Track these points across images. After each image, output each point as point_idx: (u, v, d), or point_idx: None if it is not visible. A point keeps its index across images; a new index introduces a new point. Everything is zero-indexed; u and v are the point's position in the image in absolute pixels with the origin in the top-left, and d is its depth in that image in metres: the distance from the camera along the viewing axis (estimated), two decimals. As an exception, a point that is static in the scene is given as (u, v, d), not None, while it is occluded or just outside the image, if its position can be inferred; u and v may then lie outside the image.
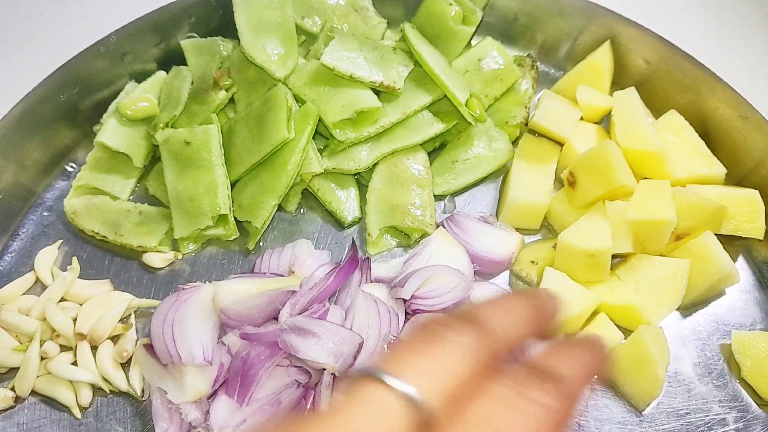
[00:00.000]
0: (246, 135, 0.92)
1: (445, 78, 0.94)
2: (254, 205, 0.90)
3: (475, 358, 0.44)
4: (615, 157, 0.86)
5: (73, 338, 0.83)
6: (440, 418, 0.41)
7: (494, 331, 0.46)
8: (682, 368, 0.86)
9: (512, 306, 0.50)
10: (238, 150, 0.92)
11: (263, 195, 0.90)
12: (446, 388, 0.42)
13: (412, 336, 0.46)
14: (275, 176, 0.90)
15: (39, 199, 0.96)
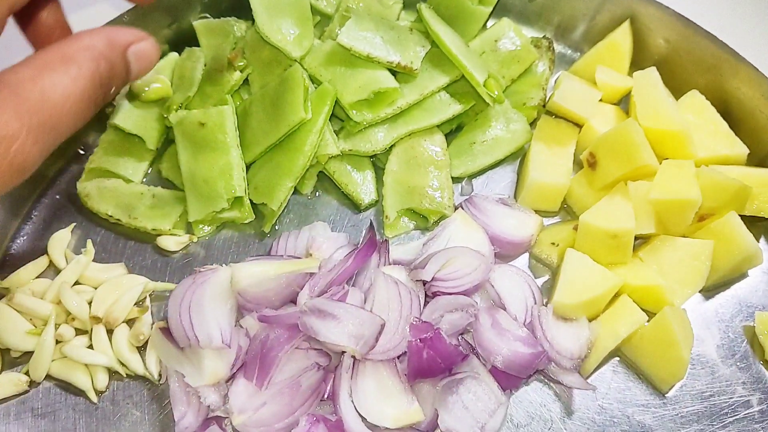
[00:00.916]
0: (262, 116, 0.90)
1: (463, 58, 0.92)
2: (270, 188, 0.89)
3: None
4: (637, 136, 0.85)
5: (88, 321, 0.82)
6: None
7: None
8: (706, 350, 0.85)
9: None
10: (253, 131, 0.91)
11: (279, 177, 0.89)
12: None
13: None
14: (291, 158, 0.88)
15: (51, 182, 0.95)
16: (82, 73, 0.57)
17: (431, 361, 0.76)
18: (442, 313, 0.81)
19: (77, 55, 0.58)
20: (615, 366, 0.83)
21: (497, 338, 0.80)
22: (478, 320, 0.81)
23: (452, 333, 0.80)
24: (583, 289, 0.82)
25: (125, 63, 0.63)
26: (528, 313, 0.84)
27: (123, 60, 0.63)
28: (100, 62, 0.59)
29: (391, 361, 0.78)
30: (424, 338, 0.75)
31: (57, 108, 0.55)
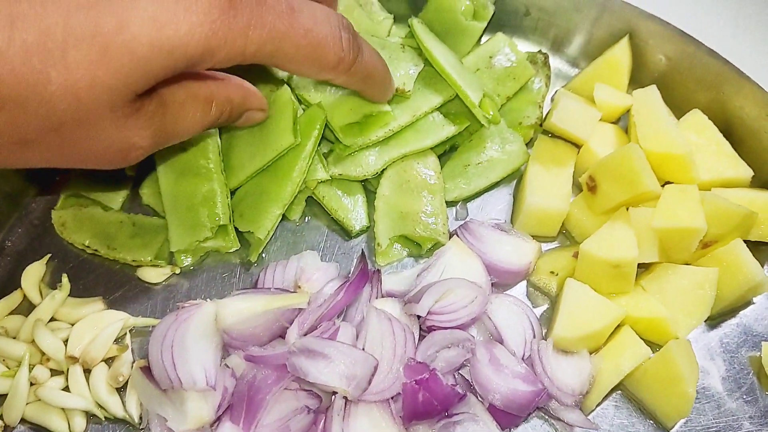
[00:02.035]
0: (248, 140, 0.86)
1: (457, 77, 0.88)
2: (257, 215, 0.85)
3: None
4: (639, 161, 0.81)
5: (64, 362, 0.78)
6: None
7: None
8: (711, 383, 0.82)
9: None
10: (238, 155, 0.87)
11: (266, 204, 0.84)
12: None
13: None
14: (279, 184, 0.84)
15: (25, 210, 0.90)
16: (211, 116, 0.69)
17: (427, 403, 0.72)
18: (438, 349, 0.78)
19: (218, 101, 0.70)
20: (617, 401, 0.80)
21: (495, 375, 0.76)
22: (475, 356, 0.77)
23: (448, 371, 0.77)
24: (584, 322, 0.79)
25: (237, 117, 0.76)
26: (527, 347, 0.80)
27: (239, 115, 0.76)
28: (226, 113, 0.72)
29: (384, 402, 0.74)
30: (419, 380, 0.72)
31: (178, 134, 0.67)
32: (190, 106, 0.66)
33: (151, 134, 0.62)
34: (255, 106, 0.76)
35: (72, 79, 0.51)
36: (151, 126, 0.61)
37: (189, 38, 0.53)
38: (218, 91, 0.70)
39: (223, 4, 0.55)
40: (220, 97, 0.70)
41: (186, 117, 0.66)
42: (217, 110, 0.70)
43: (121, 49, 0.52)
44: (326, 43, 0.65)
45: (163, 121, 0.63)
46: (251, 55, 0.59)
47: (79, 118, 0.54)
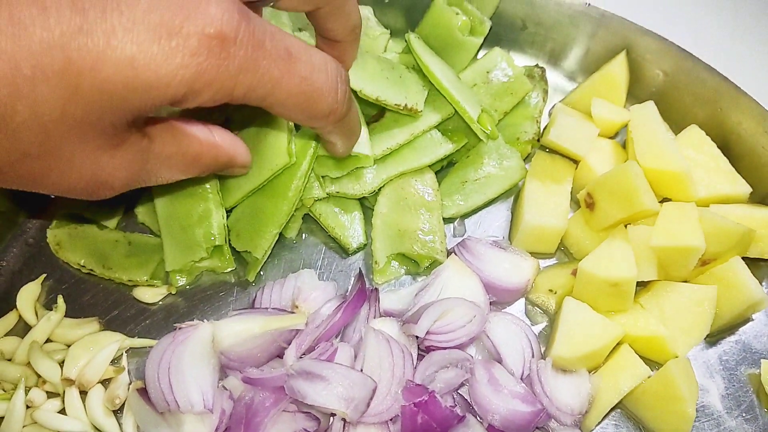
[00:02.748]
0: None
1: (455, 92, 0.88)
2: (253, 235, 0.84)
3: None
4: (637, 179, 0.81)
5: (60, 384, 0.77)
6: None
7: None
8: (710, 401, 0.82)
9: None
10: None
11: (263, 224, 0.84)
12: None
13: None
14: (275, 203, 0.84)
15: (20, 229, 0.89)
16: (191, 173, 0.67)
17: (426, 425, 0.72)
18: (437, 369, 0.77)
19: (204, 161, 0.67)
20: (617, 420, 0.80)
21: (494, 395, 0.76)
22: (473, 375, 0.77)
23: (447, 391, 0.76)
24: (583, 342, 0.79)
25: (221, 168, 0.71)
26: (526, 366, 0.80)
27: (224, 167, 0.71)
28: (207, 171, 0.69)
29: (383, 424, 0.74)
30: (418, 402, 0.71)
31: (152, 182, 0.64)
32: (174, 161, 0.64)
33: (126, 177, 0.59)
34: (238, 164, 0.73)
35: (39, 112, 0.49)
36: (128, 169, 0.59)
37: (170, 79, 0.50)
38: (207, 152, 0.67)
39: (215, 46, 0.51)
40: (206, 158, 0.67)
41: (167, 170, 0.64)
42: (198, 169, 0.67)
43: (92, 89, 0.49)
44: (320, 93, 0.62)
45: (143, 168, 0.60)
46: (240, 97, 0.56)
47: (46, 150, 0.52)
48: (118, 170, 0.58)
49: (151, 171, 0.62)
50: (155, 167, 0.62)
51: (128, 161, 0.58)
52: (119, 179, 0.59)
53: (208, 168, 0.68)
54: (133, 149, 0.58)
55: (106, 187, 0.59)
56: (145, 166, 0.60)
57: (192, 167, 0.66)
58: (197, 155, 0.66)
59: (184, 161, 0.65)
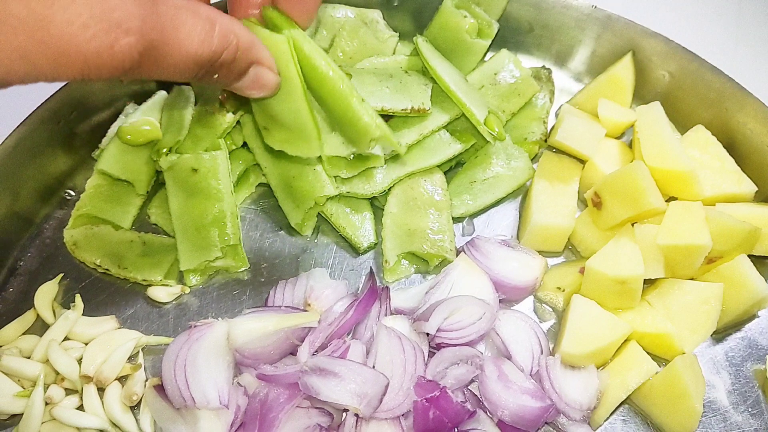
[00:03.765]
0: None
1: (462, 95, 0.89)
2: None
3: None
4: (644, 179, 0.82)
5: (78, 381, 0.78)
6: None
7: None
8: (717, 396, 0.83)
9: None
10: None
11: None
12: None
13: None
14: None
15: (37, 229, 0.91)
16: (214, 44, 0.60)
17: (438, 420, 0.73)
18: (447, 366, 0.79)
19: (222, 26, 0.61)
20: (625, 415, 0.81)
21: (504, 391, 0.77)
22: (483, 371, 0.78)
23: (458, 387, 0.78)
24: (591, 338, 0.80)
25: (243, 70, 0.66)
26: (535, 363, 0.81)
27: (244, 67, 0.66)
28: (231, 49, 0.62)
29: (395, 420, 0.75)
30: (430, 398, 0.73)
31: (174, 44, 0.57)
32: (187, 15, 0.58)
33: (139, 13, 0.53)
34: (264, 61, 0.68)
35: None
36: (141, 4, 0.53)
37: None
38: (222, 18, 0.62)
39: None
40: (223, 23, 0.62)
41: (184, 25, 0.58)
42: (220, 39, 0.61)
43: None
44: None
45: (154, 9, 0.55)
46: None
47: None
48: (130, 4, 0.53)
49: (167, 24, 0.56)
50: (170, 20, 0.57)
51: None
52: (133, 15, 0.53)
53: (228, 44, 0.62)
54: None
55: (123, 31, 0.52)
56: (156, 8, 0.55)
57: (210, 33, 0.60)
58: (211, 16, 0.61)
59: (197, 19, 0.59)
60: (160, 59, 0.57)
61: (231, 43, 0.62)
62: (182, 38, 0.57)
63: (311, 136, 0.79)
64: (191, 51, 0.59)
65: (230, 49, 0.62)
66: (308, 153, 0.81)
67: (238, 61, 0.64)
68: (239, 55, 0.64)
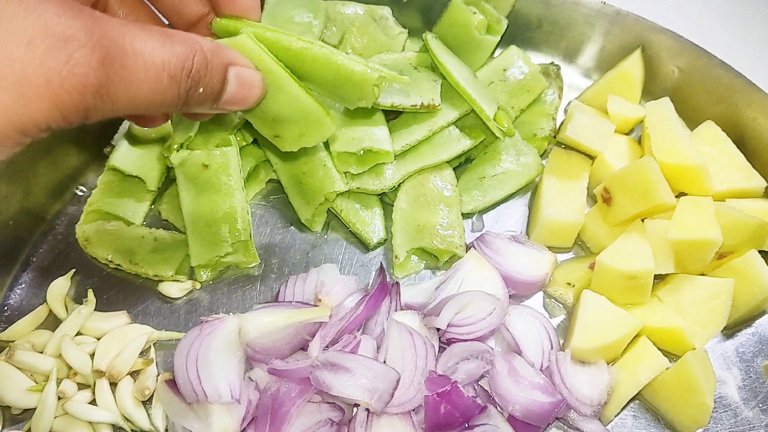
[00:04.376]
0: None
1: (471, 91, 0.89)
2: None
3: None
4: (654, 174, 0.82)
5: (91, 376, 0.79)
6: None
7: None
8: (727, 392, 0.83)
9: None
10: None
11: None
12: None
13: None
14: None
15: (49, 225, 0.92)
16: (174, 47, 0.55)
17: (449, 415, 0.73)
18: (458, 361, 0.79)
19: (180, 37, 0.57)
20: (636, 411, 0.81)
21: (514, 386, 0.77)
22: (494, 367, 0.78)
23: (468, 382, 0.78)
24: (602, 333, 0.80)
25: (222, 75, 0.61)
26: (545, 358, 0.82)
27: (221, 71, 0.61)
28: (197, 53, 0.58)
29: (406, 414, 0.75)
30: (441, 392, 0.73)
31: (131, 52, 0.52)
32: (137, 29, 0.54)
33: (82, 25, 0.49)
34: (239, 60, 0.63)
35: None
36: (76, 16, 0.50)
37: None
38: (175, 30, 0.58)
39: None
40: (178, 33, 0.57)
41: (139, 36, 0.53)
42: (183, 45, 0.56)
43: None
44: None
45: (97, 23, 0.51)
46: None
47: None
48: (63, 16, 0.49)
49: (112, 29, 0.52)
50: (113, 26, 0.52)
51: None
52: (73, 26, 0.49)
53: (187, 51, 0.57)
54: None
55: (70, 42, 0.49)
56: (96, 21, 0.51)
57: (164, 41, 0.55)
58: (163, 31, 0.56)
59: (147, 31, 0.55)
60: (126, 74, 0.52)
61: (195, 48, 0.58)
62: (141, 47, 0.53)
63: (320, 116, 0.73)
64: (157, 61, 0.54)
65: (198, 54, 0.58)
66: (326, 134, 0.75)
67: (213, 67, 0.60)
68: (211, 58, 0.59)
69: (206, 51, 0.59)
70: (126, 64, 0.52)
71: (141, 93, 0.53)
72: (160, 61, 0.54)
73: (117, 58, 0.51)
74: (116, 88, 0.51)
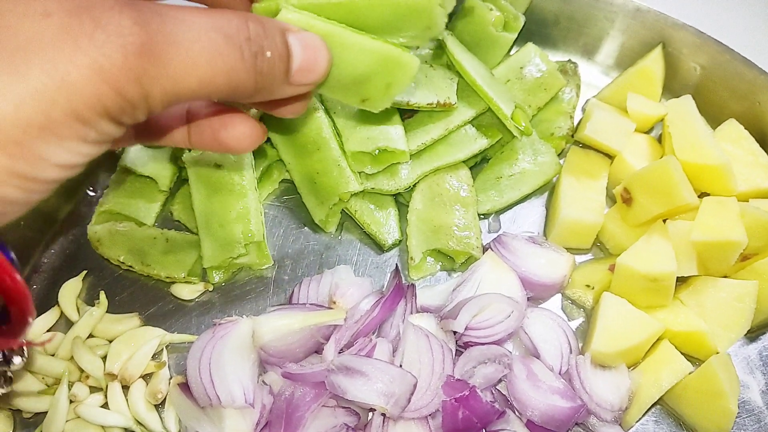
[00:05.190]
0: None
1: (488, 89, 0.88)
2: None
3: None
4: (677, 173, 0.80)
5: (103, 379, 0.78)
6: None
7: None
8: (751, 396, 0.81)
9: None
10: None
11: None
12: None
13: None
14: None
15: (60, 227, 0.91)
16: (225, 16, 0.47)
17: (467, 420, 0.72)
18: (475, 365, 0.77)
19: (224, 8, 0.50)
20: (657, 416, 0.79)
21: (533, 391, 0.76)
22: (512, 371, 0.77)
23: (486, 387, 0.76)
24: (622, 337, 0.78)
25: (283, 38, 0.51)
26: (564, 362, 0.80)
27: (280, 34, 0.51)
28: (250, 19, 0.48)
29: (423, 419, 0.74)
30: (459, 397, 0.71)
31: (179, 24, 0.44)
32: (176, 6, 0.46)
33: (129, 15, 0.42)
34: (291, 26, 0.53)
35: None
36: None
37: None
38: (217, 6, 0.52)
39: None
40: (220, 7, 0.51)
41: (179, 14, 0.45)
42: (229, 15, 0.48)
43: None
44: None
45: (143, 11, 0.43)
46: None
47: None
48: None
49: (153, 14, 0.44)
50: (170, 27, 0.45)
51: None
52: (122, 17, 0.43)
53: (238, 17, 0.49)
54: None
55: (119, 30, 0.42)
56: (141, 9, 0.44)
57: (211, 13, 0.48)
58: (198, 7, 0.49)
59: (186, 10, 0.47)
60: (169, 33, 0.44)
61: (245, 14, 0.49)
62: (180, 13, 0.45)
63: (397, 56, 0.61)
64: (205, 23, 0.46)
65: (251, 19, 0.49)
66: (413, 72, 0.63)
67: (270, 30, 0.50)
68: (265, 23, 0.50)
69: (257, 17, 0.50)
70: (166, 23, 0.44)
71: (195, 55, 0.44)
72: (209, 23, 0.46)
73: (153, 19, 0.43)
74: (162, 48, 0.43)
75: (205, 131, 0.59)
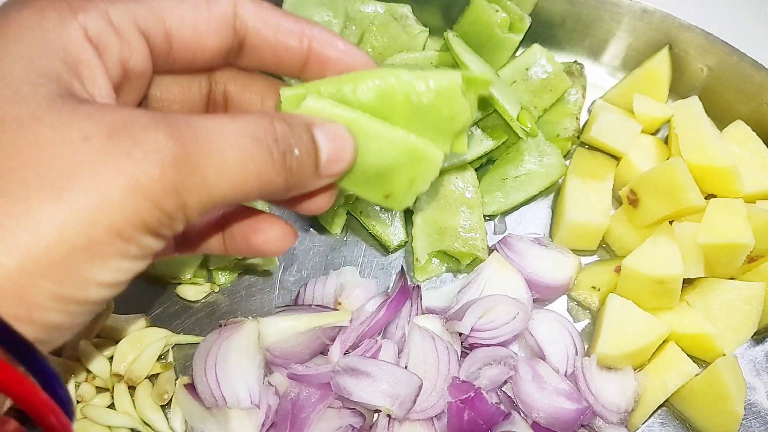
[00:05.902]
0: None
1: (494, 91, 0.87)
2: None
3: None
4: (683, 175, 0.80)
5: (109, 380, 0.78)
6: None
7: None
8: (757, 399, 0.81)
9: None
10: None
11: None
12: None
13: None
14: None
15: (66, 227, 0.91)
16: (252, 119, 0.47)
17: (472, 422, 0.72)
18: (481, 367, 0.77)
19: (247, 111, 0.53)
20: (663, 418, 0.79)
21: (538, 392, 0.76)
22: (517, 372, 0.77)
23: (491, 388, 0.76)
24: (628, 339, 0.78)
25: (309, 134, 0.50)
26: (569, 364, 0.80)
27: (306, 130, 0.50)
28: (275, 118, 0.49)
29: (428, 421, 0.74)
30: (465, 399, 0.71)
31: (210, 133, 0.44)
32: (203, 115, 0.47)
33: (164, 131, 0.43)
34: (315, 119, 0.52)
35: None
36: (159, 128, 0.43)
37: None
38: (240, 110, 0.55)
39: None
40: (244, 111, 0.54)
41: (211, 124, 0.45)
42: (260, 117, 0.48)
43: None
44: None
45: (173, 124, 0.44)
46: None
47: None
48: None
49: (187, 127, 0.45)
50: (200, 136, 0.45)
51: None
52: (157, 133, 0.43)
53: (263, 116, 0.48)
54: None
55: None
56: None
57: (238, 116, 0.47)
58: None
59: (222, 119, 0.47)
60: (202, 143, 0.44)
61: (270, 114, 0.49)
62: (207, 122, 0.45)
63: (420, 148, 0.56)
64: (233, 127, 0.46)
65: (276, 118, 0.49)
66: (436, 168, 0.57)
67: (296, 127, 0.50)
68: (290, 121, 0.49)
69: (282, 116, 0.50)
70: (199, 134, 0.44)
71: (229, 161, 0.45)
72: (237, 128, 0.46)
73: (186, 131, 0.43)
74: (197, 158, 0.43)
75: (238, 237, 0.60)
